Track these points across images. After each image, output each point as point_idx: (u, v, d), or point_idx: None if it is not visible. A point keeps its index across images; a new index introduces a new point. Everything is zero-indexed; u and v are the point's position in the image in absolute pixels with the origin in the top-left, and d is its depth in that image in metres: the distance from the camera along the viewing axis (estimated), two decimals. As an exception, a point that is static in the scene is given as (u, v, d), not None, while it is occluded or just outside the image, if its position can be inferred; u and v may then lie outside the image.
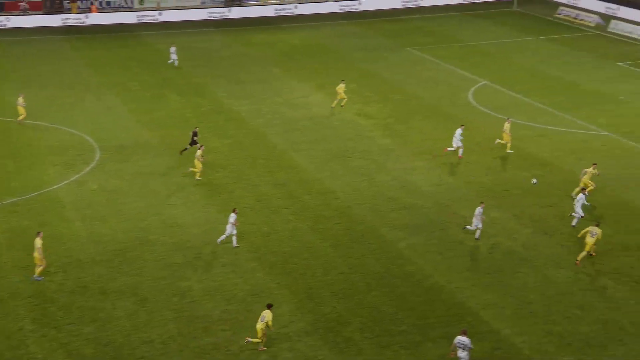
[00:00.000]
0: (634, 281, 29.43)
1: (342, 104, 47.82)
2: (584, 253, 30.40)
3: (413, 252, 31.92)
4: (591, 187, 35.10)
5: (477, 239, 32.34)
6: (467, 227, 32.63)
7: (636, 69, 55.85)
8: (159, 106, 48.93)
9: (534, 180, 33.42)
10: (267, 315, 25.91)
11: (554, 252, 31.63)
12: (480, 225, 32.16)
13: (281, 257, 31.57)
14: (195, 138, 40.12)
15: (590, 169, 35.44)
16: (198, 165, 38.20)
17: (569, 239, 32.46)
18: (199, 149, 38.47)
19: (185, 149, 40.26)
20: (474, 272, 30.20)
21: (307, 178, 38.70)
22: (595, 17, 69.82)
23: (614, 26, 67.20)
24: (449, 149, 40.28)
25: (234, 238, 32.00)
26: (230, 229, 31.91)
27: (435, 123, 45.99)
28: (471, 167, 39.64)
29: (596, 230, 30.14)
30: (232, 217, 31.91)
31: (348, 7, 76.39)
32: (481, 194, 36.41)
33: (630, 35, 64.86)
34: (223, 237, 32.09)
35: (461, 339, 24.60)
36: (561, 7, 74.38)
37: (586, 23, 69.84)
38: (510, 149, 40.90)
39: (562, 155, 40.95)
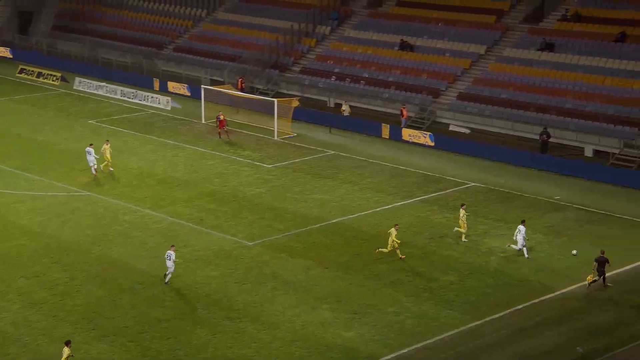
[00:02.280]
0: (129, 341, 29.37)
1: None
2: (385, 250, 35.92)
3: None
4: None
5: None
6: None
7: (106, 125, 57.04)
8: None
9: (574, 252, 36.03)
10: (64, 351, 26.90)
11: (45, 325, 30.16)
12: None
13: None
14: None
15: (393, 230, 35.99)
16: None
17: (54, 309, 31.37)
18: None
19: None
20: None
21: None
22: (59, 76, 69.96)
23: (79, 84, 68.03)
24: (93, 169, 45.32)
25: None
26: None
27: None
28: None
29: (393, 230, 35.95)
30: None
31: None
32: (-41, 274, 33.54)
33: (97, 93, 66.22)
34: None
35: None
36: (21, 67, 73.11)
37: (50, 82, 69.62)
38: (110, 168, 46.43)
39: (44, 221, 39.64)
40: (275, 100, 56.47)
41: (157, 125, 57.66)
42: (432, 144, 52.83)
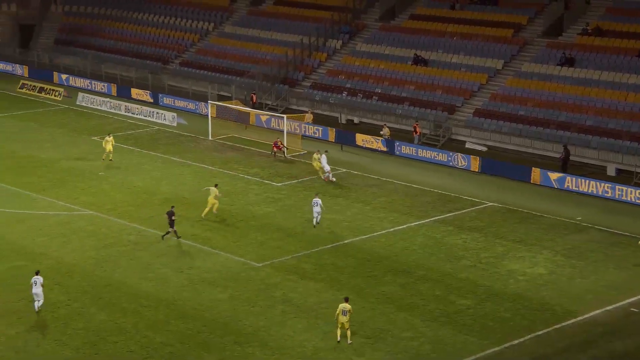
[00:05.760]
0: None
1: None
2: None
3: None
4: None
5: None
6: None
7: (111, 142, 57.22)
8: None
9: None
10: (347, 307, 30.43)
11: (46, 350, 30.05)
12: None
13: None
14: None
15: None
16: None
17: (55, 333, 31.27)
18: None
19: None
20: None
21: None
22: (62, 91, 70.24)
23: (82, 99, 68.22)
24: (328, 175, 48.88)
25: None
26: None
27: None
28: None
29: None
30: None
31: None
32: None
33: (100, 109, 66.43)
34: None
35: None
36: (23, 82, 73.43)
37: (52, 97, 69.86)
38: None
39: (46, 241, 39.65)
40: (285, 116, 56.49)
41: (163, 142, 57.76)
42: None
